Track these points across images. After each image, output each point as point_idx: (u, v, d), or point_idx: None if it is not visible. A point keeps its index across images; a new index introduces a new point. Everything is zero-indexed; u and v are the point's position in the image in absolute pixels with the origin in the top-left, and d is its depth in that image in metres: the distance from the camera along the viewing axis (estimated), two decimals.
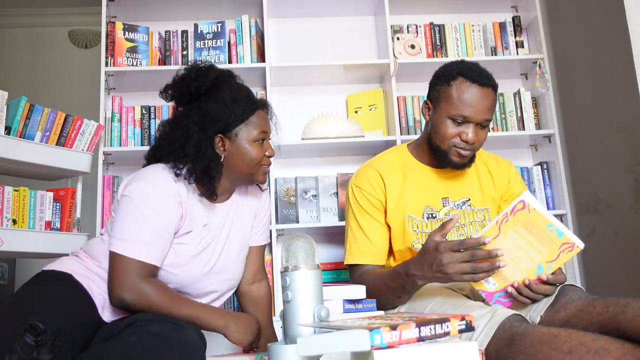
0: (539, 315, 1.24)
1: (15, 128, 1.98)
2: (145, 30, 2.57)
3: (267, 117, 1.49)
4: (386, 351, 0.77)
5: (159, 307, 1.29)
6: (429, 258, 1.24)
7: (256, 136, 1.44)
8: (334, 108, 2.71)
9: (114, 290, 1.29)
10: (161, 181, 1.37)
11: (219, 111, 1.41)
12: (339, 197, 2.54)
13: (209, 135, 1.41)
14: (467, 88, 1.47)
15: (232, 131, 1.42)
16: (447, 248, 1.21)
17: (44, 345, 1.02)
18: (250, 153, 1.43)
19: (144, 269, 1.31)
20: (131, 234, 1.31)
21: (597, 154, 2.42)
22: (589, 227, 2.49)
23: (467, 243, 1.20)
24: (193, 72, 1.45)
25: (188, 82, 1.44)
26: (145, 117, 2.53)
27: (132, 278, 1.29)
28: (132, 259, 1.30)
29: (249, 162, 1.43)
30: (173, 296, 1.33)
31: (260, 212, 1.63)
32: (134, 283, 1.28)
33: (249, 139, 1.43)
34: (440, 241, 1.23)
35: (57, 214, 2.12)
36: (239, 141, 1.43)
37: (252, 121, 1.44)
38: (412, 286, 1.35)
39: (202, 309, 1.34)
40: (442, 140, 1.51)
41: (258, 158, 1.44)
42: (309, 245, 1.05)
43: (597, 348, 0.97)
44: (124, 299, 1.28)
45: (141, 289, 1.28)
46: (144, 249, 1.31)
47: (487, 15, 2.86)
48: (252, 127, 1.44)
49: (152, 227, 1.33)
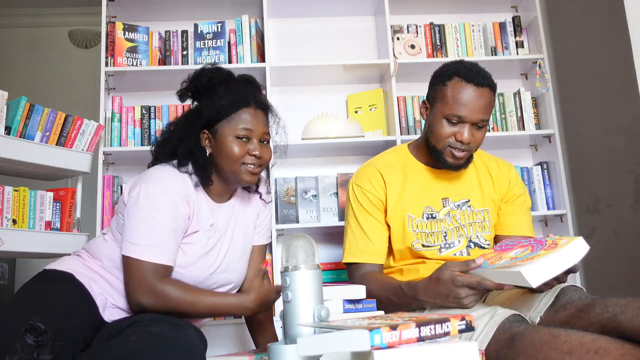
0: (539, 315, 1.24)
1: (15, 128, 1.98)
2: (145, 30, 2.57)
3: (258, 117, 1.46)
4: (386, 351, 0.77)
5: (177, 307, 1.30)
6: (444, 289, 1.26)
7: (237, 132, 1.41)
8: (334, 108, 2.71)
9: (132, 295, 1.30)
10: (169, 182, 1.38)
11: (207, 107, 1.44)
12: (339, 197, 2.54)
13: (194, 129, 1.45)
14: (462, 88, 1.46)
15: (214, 127, 1.43)
16: (465, 285, 1.23)
17: (45, 345, 1.03)
18: (229, 149, 1.41)
19: (159, 271, 1.31)
20: (144, 237, 1.32)
21: (597, 154, 2.42)
22: (589, 227, 2.49)
23: (485, 285, 1.21)
24: (198, 72, 1.49)
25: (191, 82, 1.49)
26: (145, 117, 2.53)
27: (148, 281, 1.29)
28: (147, 262, 1.30)
29: (228, 158, 1.41)
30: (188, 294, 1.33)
31: (262, 211, 1.64)
32: (150, 285, 1.29)
33: (230, 135, 1.42)
34: (457, 275, 1.24)
35: (57, 214, 2.12)
36: (220, 137, 1.42)
37: (235, 118, 1.42)
38: (418, 307, 1.36)
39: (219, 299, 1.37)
40: (438, 140, 1.51)
41: (237, 155, 1.41)
42: (309, 245, 1.05)
43: (597, 348, 0.97)
44: (142, 303, 1.29)
45: (157, 291, 1.29)
46: (157, 250, 1.31)
47: (487, 15, 2.86)
48: (235, 123, 1.42)
49: (164, 229, 1.33)
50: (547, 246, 1.21)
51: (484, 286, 1.22)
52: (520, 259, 1.19)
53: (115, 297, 1.37)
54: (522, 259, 1.19)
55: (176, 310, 1.30)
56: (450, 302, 1.26)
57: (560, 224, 2.53)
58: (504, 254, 1.28)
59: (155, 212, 1.33)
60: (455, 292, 1.24)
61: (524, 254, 1.22)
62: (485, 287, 1.22)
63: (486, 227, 1.58)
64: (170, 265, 1.34)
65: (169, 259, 1.34)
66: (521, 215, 1.64)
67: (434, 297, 1.28)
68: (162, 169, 1.43)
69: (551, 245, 1.21)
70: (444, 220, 1.57)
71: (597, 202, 2.42)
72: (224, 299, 1.37)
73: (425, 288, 1.30)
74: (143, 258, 1.30)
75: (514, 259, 1.22)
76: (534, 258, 1.17)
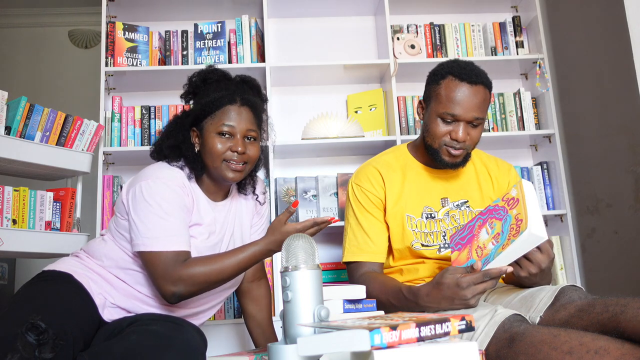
0: (539, 315, 1.24)
1: (15, 128, 1.98)
2: (145, 30, 2.57)
3: (242, 114, 1.44)
4: (386, 351, 0.77)
5: (207, 282, 1.31)
6: (449, 293, 1.25)
7: (218, 129, 1.42)
8: (334, 108, 2.71)
9: (163, 287, 1.30)
10: (167, 176, 1.40)
11: (195, 106, 1.49)
12: (339, 197, 2.54)
13: (184, 127, 1.48)
14: (456, 86, 1.47)
15: (200, 124, 1.46)
16: (470, 282, 1.23)
17: (46, 344, 1.03)
18: (210, 145, 1.42)
19: (180, 257, 1.32)
20: (160, 229, 1.33)
21: (597, 154, 2.42)
22: (589, 227, 2.49)
23: (491, 274, 1.22)
24: (196, 74, 1.52)
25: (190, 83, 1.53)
26: (145, 117, 2.53)
27: (174, 270, 1.30)
28: (167, 251, 1.31)
29: (210, 155, 1.42)
30: (211, 262, 1.33)
31: (259, 210, 1.65)
32: (177, 274, 1.29)
33: (213, 132, 1.43)
34: (460, 277, 1.24)
35: (57, 214, 2.12)
36: (205, 134, 1.45)
37: (217, 115, 1.44)
38: (419, 311, 1.36)
39: (241, 254, 1.35)
40: (433, 139, 1.51)
41: (218, 151, 1.41)
42: (309, 245, 1.05)
43: (597, 348, 0.97)
44: (175, 293, 1.30)
45: (185, 276, 1.29)
46: (176, 239, 1.33)
47: (487, 15, 2.86)
48: (217, 119, 1.43)
49: (176, 218, 1.35)
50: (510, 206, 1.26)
51: (490, 276, 1.22)
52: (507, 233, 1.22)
53: (114, 296, 1.37)
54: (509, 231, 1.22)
55: (209, 283, 1.32)
56: (456, 305, 1.26)
57: (560, 224, 2.53)
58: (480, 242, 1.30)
59: (163, 204, 1.35)
60: (461, 295, 1.24)
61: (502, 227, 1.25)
62: (490, 276, 1.22)
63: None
64: (189, 250, 1.36)
65: (186, 244, 1.36)
66: None
67: (438, 302, 1.28)
68: (156, 166, 1.45)
69: (509, 203, 1.26)
70: (443, 220, 1.57)
71: (597, 202, 2.42)
72: (247, 252, 1.35)
73: (428, 294, 1.30)
74: (164, 249, 1.31)
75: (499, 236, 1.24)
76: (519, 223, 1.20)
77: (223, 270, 1.32)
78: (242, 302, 1.67)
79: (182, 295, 1.31)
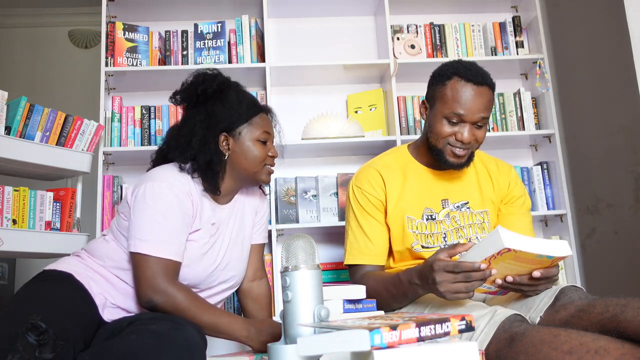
0: (539, 315, 1.24)
1: (15, 128, 1.98)
2: (145, 30, 2.57)
3: (270, 121, 1.55)
4: (386, 351, 0.77)
5: (185, 311, 1.30)
6: (426, 272, 1.25)
7: (259, 136, 1.49)
8: (334, 108, 2.71)
9: (144, 291, 1.30)
10: (174, 180, 1.40)
11: (224, 111, 1.47)
12: (339, 197, 2.54)
13: (214, 133, 1.46)
14: (462, 87, 1.47)
15: (235, 130, 1.48)
16: (442, 268, 1.21)
17: (46, 344, 1.02)
18: (253, 151, 1.48)
19: (169, 267, 1.33)
20: (153, 233, 1.33)
21: (597, 154, 2.42)
22: (589, 227, 2.49)
23: (462, 267, 1.20)
24: (200, 77, 1.51)
25: (196, 85, 1.50)
26: (145, 117, 2.53)
27: (161, 279, 1.30)
28: (157, 257, 1.31)
29: (252, 160, 1.48)
30: (199, 302, 1.34)
31: (260, 209, 1.67)
32: (163, 285, 1.30)
33: (252, 138, 1.48)
34: (437, 259, 1.23)
35: (57, 214, 2.12)
36: (243, 140, 1.48)
37: (255, 122, 1.50)
38: (414, 294, 1.36)
39: (225, 318, 1.34)
40: (437, 140, 1.51)
41: (261, 157, 1.49)
42: (309, 245, 1.05)
43: (597, 348, 0.97)
44: (153, 301, 1.30)
45: (169, 292, 1.30)
46: (166, 246, 1.33)
47: (487, 15, 2.86)
48: (255, 127, 1.49)
49: (172, 225, 1.35)
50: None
51: (461, 268, 1.19)
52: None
53: (115, 297, 1.37)
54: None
55: (183, 315, 1.30)
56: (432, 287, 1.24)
57: (560, 224, 2.53)
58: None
59: (162, 209, 1.35)
60: (432, 276, 1.22)
61: None
62: (462, 269, 1.19)
63: (485, 228, 1.59)
64: (179, 261, 1.36)
65: (178, 254, 1.35)
66: (521, 217, 1.64)
67: (421, 279, 1.28)
68: (165, 168, 1.45)
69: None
70: (444, 222, 1.57)
71: (597, 202, 2.42)
72: (229, 325, 1.34)
73: (418, 271, 1.31)
74: (153, 254, 1.31)
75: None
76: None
77: (196, 318, 1.30)
78: (242, 302, 1.67)
79: (157, 307, 1.30)
